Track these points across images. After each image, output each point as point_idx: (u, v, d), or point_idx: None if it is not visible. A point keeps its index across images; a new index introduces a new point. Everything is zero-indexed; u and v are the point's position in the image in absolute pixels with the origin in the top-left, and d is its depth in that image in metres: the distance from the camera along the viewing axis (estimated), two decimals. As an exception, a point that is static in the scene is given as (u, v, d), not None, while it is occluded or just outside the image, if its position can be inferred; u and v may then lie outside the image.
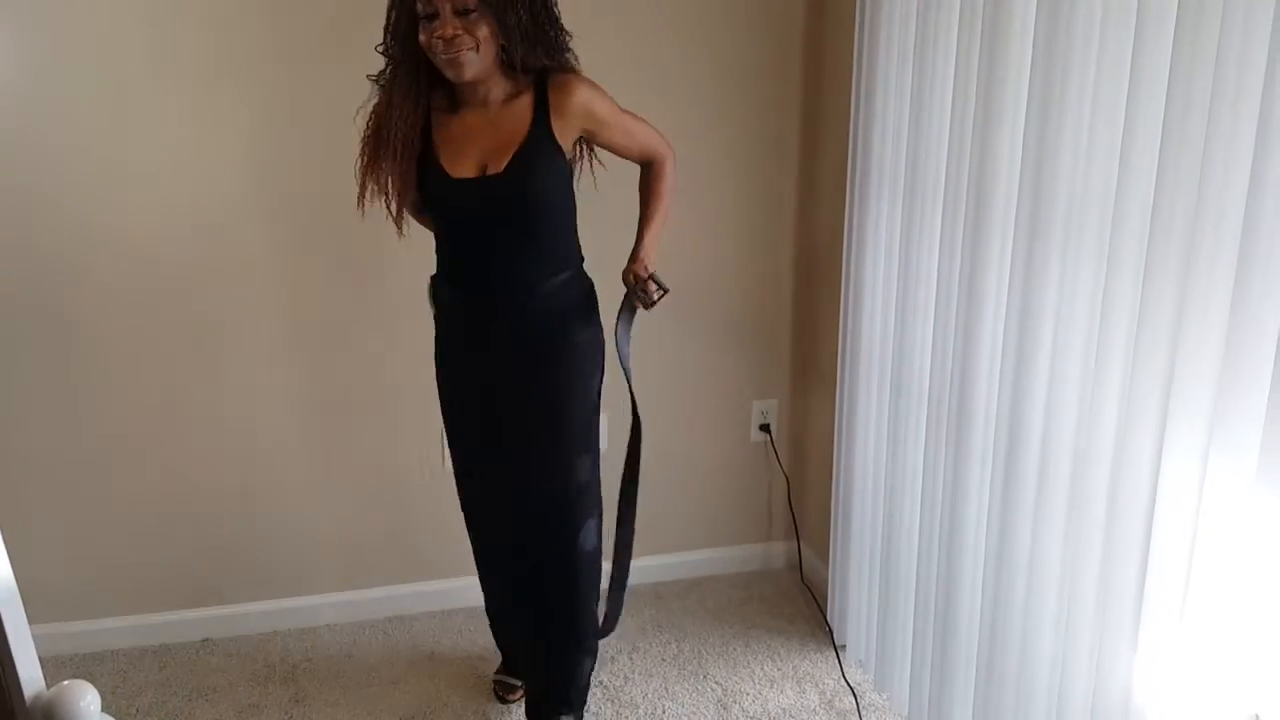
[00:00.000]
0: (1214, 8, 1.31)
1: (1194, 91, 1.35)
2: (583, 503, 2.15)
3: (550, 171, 1.96)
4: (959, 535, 2.05)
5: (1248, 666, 1.34)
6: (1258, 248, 1.26)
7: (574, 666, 2.28)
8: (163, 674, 2.59)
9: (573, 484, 2.12)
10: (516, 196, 1.94)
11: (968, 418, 1.98)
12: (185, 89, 2.41)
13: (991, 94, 1.81)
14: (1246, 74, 1.27)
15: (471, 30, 1.81)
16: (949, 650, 2.12)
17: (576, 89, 1.95)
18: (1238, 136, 1.29)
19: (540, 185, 1.95)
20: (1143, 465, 1.51)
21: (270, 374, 2.63)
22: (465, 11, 1.80)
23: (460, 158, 1.95)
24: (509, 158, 1.92)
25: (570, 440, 2.11)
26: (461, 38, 1.81)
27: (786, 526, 3.06)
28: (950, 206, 2.00)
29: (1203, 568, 1.41)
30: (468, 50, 1.82)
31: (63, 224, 2.43)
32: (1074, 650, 1.72)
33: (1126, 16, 1.48)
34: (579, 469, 2.13)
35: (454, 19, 1.80)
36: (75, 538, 2.62)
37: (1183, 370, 1.41)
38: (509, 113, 1.94)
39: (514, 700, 2.49)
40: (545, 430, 2.10)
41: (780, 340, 2.93)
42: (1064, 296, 1.67)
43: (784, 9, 2.67)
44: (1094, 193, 1.58)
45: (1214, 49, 1.31)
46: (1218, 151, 1.32)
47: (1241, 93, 1.27)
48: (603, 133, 2.02)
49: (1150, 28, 1.43)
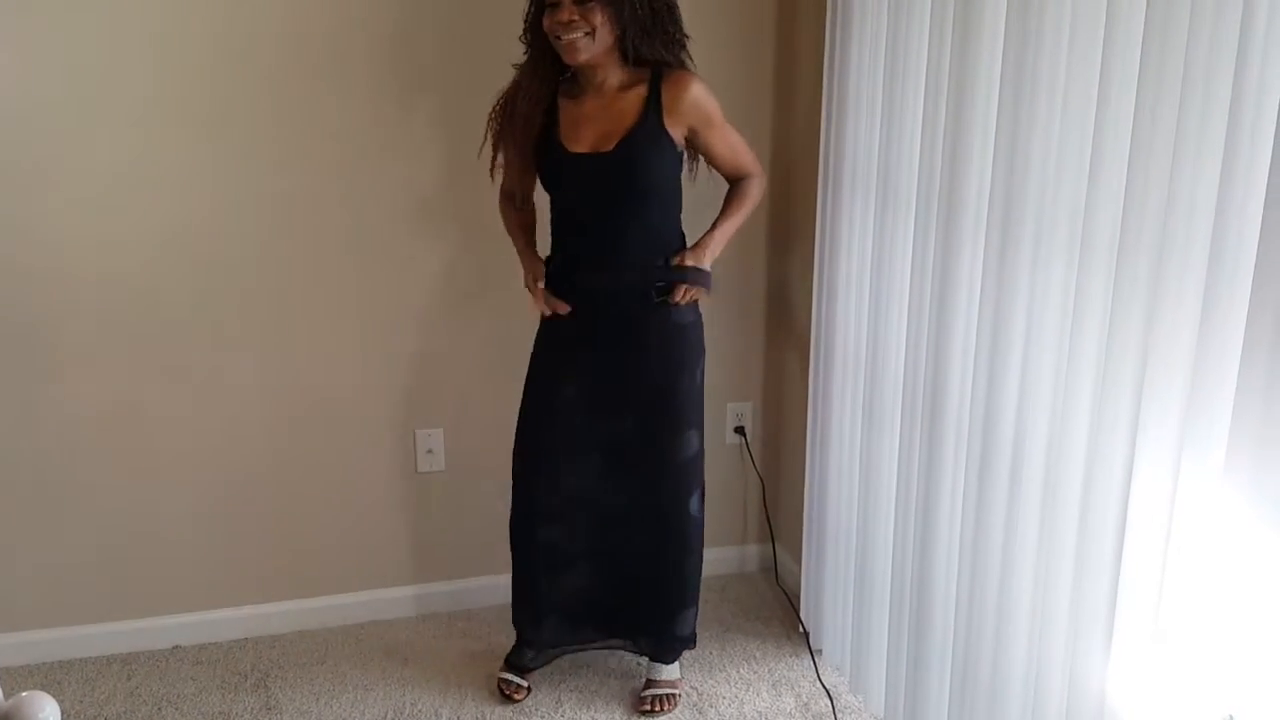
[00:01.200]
0: (1181, 16, 1.32)
1: (1163, 96, 1.36)
2: (691, 472, 2.36)
3: (656, 156, 2.14)
4: (933, 537, 2.05)
5: (1221, 667, 1.35)
6: (1225, 252, 1.28)
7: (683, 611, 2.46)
8: (131, 682, 2.55)
9: (681, 458, 2.32)
10: (622, 175, 2.13)
11: (941, 421, 1.99)
12: (158, 100, 2.40)
13: (963, 100, 1.83)
14: (1214, 81, 1.28)
15: (588, 16, 2.01)
16: (923, 652, 2.12)
17: (690, 84, 2.14)
18: (1205, 142, 1.30)
19: (645, 167, 2.14)
20: (1115, 467, 1.52)
21: (241, 378, 2.61)
22: (584, 1, 2.00)
23: (578, 137, 2.15)
24: (618, 139, 2.11)
25: (680, 416, 2.31)
26: (577, 23, 2.01)
27: (761, 529, 3.06)
28: (922, 211, 2.01)
29: (1175, 568, 1.42)
30: (583, 35, 2.02)
31: (26, 229, 2.40)
32: (1048, 651, 1.73)
33: (1096, 23, 1.49)
34: (689, 444, 2.33)
35: (572, 5, 2.01)
36: (40, 544, 2.57)
37: (1153, 372, 1.42)
38: (623, 100, 2.13)
39: (520, 700, 2.47)
40: (657, 404, 2.30)
41: (755, 341, 2.94)
42: (1035, 300, 1.68)
43: (754, 16, 2.68)
44: (1065, 197, 1.59)
45: (1181, 56, 1.32)
46: (1186, 156, 1.33)
47: (1210, 99, 1.29)
48: (707, 134, 2.19)
49: (1119, 35, 1.45)
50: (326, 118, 2.50)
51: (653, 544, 2.40)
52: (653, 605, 2.46)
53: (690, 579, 2.45)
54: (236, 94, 2.44)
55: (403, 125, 2.54)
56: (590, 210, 2.20)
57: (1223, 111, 1.27)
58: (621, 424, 2.32)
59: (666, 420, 2.31)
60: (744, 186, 2.31)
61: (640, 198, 2.18)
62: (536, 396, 2.35)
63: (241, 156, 2.48)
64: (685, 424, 2.32)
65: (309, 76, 2.47)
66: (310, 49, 2.45)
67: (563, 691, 2.52)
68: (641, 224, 2.20)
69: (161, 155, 2.43)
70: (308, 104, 2.48)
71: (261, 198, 2.51)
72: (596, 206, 2.19)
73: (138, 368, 2.53)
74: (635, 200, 2.18)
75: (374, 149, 2.55)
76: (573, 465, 2.36)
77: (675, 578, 2.42)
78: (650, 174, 2.16)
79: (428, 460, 2.78)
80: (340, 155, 2.53)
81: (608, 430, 2.33)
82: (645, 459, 2.34)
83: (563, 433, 2.34)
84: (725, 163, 2.28)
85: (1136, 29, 1.41)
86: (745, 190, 2.31)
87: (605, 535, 2.41)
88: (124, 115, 2.39)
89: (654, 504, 2.36)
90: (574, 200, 2.22)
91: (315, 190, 2.54)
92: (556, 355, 2.33)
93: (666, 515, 2.37)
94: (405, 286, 2.65)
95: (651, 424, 2.31)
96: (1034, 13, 1.60)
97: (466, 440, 2.78)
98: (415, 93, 2.54)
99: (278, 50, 2.44)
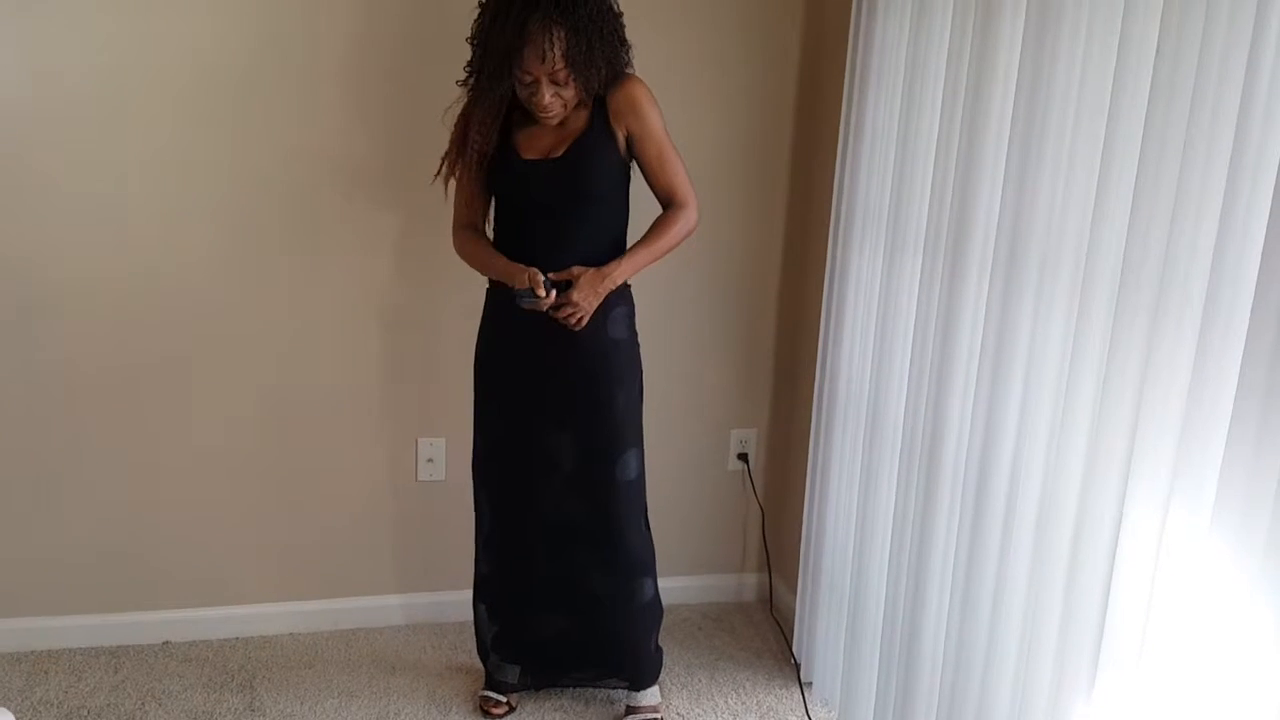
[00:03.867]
0: (1189, 60, 1.33)
1: (1168, 146, 1.37)
2: (634, 494, 2.34)
3: (603, 159, 2.16)
4: (925, 576, 2.04)
5: (1202, 711, 1.34)
6: (1220, 304, 1.28)
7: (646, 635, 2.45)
8: (118, 675, 2.55)
9: (622, 479, 2.30)
10: (570, 178, 2.15)
11: (938, 462, 1.99)
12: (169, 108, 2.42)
13: (974, 143, 1.85)
14: (1219, 126, 1.28)
15: (562, 94, 2.08)
16: (911, 690, 2.11)
17: (631, 83, 2.17)
18: (1208, 192, 1.30)
19: (593, 170, 2.16)
20: (1105, 513, 1.52)
21: (240, 379, 2.62)
22: (558, 83, 2.05)
23: (531, 145, 2.18)
24: (568, 145, 2.15)
25: (617, 435, 2.28)
26: (555, 101, 2.08)
27: (760, 558, 3.04)
28: (930, 252, 2.03)
29: (1160, 615, 1.42)
30: (559, 108, 2.10)
31: (25, 229, 2.43)
32: (1033, 693, 1.72)
33: (1105, 69, 1.50)
34: (628, 465, 2.29)
35: (550, 87, 2.06)
36: (35, 535, 2.58)
37: (1146, 422, 1.42)
38: (576, 116, 2.17)
39: (499, 715, 2.47)
40: (593, 420, 2.27)
41: (763, 369, 2.93)
42: (1035, 345, 1.69)
43: (780, 58, 2.72)
44: (1068, 243, 1.61)
45: (1189, 100, 1.33)
46: (1188, 208, 1.34)
47: (1214, 147, 1.29)
48: (640, 135, 2.18)
49: (1128, 81, 1.45)
50: (332, 115, 2.52)
51: (604, 572, 2.36)
52: (614, 634, 2.43)
53: (650, 604, 2.43)
54: (238, 93, 2.46)
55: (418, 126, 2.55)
56: (535, 217, 2.19)
57: (1225, 161, 1.27)
58: (560, 441, 2.29)
59: (603, 438, 2.27)
60: (669, 216, 2.23)
61: (587, 202, 2.17)
62: (487, 421, 2.36)
63: (253, 154, 2.50)
64: (623, 443, 2.29)
65: (313, 78, 2.49)
66: (311, 50, 2.48)
67: (546, 711, 2.50)
68: (585, 235, 2.18)
69: (166, 154, 2.46)
70: (312, 102, 2.49)
71: (269, 198, 2.53)
72: (542, 213, 2.18)
73: (137, 364, 2.55)
74: (582, 205, 2.17)
75: (386, 149, 2.57)
76: (528, 488, 2.34)
77: (630, 606, 2.39)
78: (599, 178, 2.16)
79: (428, 469, 2.78)
80: (352, 157, 2.55)
81: (552, 446, 2.30)
82: (587, 479, 2.30)
83: (514, 455, 2.33)
84: (654, 173, 2.21)
85: (1145, 76, 1.42)
86: (668, 220, 2.22)
87: (561, 564, 2.37)
88: (119, 116, 2.41)
89: (600, 529, 2.33)
90: (520, 205, 2.21)
91: (322, 193, 2.56)
92: (497, 373, 2.32)
93: (614, 541, 2.34)
94: (420, 292, 2.66)
95: (589, 442, 2.28)
96: (1046, 59, 1.62)
97: (468, 451, 2.76)
98: (426, 92, 2.54)
99: (282, 51, 2.46)
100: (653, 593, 2.43)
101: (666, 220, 2.23)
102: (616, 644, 2.45)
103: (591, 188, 2.17)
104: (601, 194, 2.19)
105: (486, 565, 2.45)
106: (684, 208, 2.23)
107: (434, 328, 2.69)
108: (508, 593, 2.44)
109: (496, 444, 2.35)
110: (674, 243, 2.24)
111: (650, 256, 2.22)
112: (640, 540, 2.37)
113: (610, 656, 2.48)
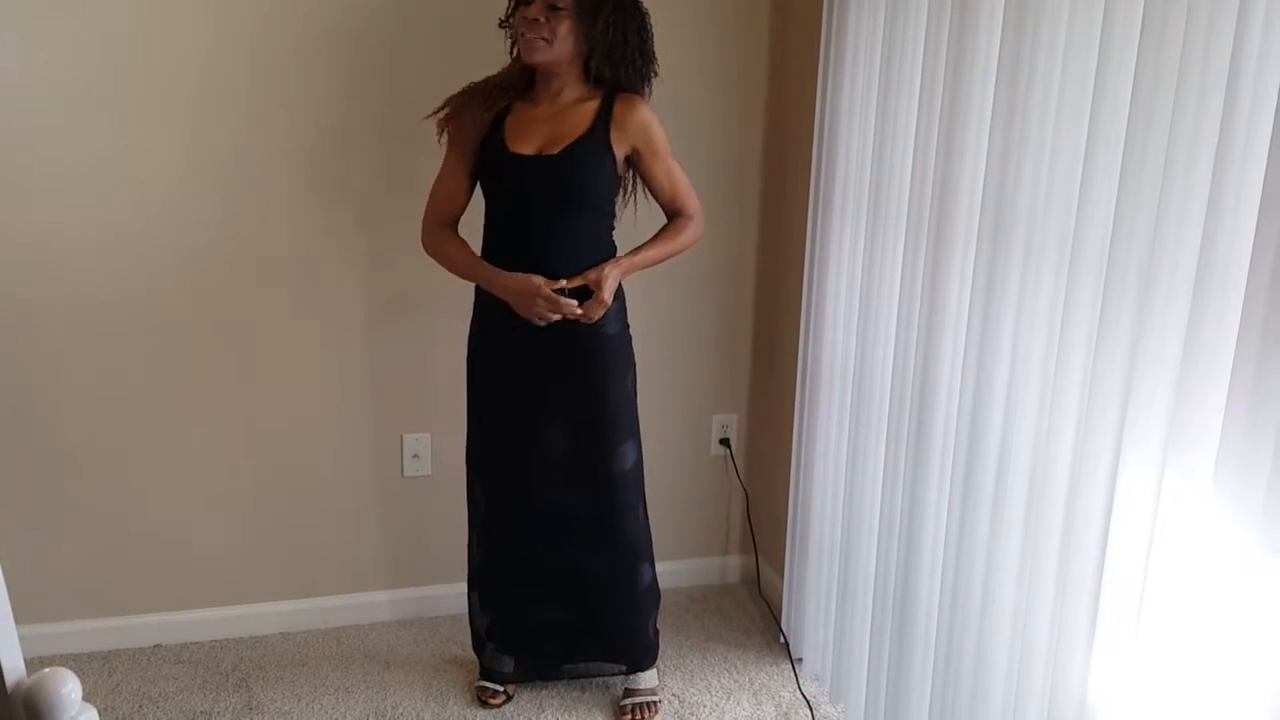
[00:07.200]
0: (1176, 31, 1.35)
1: (1155, 114, 1.39)
2: (631, 484, 2.37)
3: (599, 167, 2.18)
4: (917, 548, 2.07)
5: (1201, 672, 1.37)
6: (1214, 264, 1.30)
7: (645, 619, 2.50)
8: (112, 679, 2.54)
9: (619, 469, 2.33)
10: (565, 178, 2.15)
11: (927, 433, 2.02)
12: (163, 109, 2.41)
13: (955, 114, 1.86)
14: (1207, 98, 1.31)
15: (554, 24, 2.07)
16: (904, 662, 2.15)
17: (640, 107, 2.20)
18: (1196, 159, 1.33)
19: (587, 175, 2.17)
20: (1099, 478, 1.54)
21: (226, 380, 2.61)
22: (555, 7, 2.06)
23: (525, 139, 2.18)
24: (566, 145, 2.15)
25: (614, 427, 2.30)
26: (542, 25, 2.07)
27: (744, 540, 3.09)
28: (913, 224, 2.04)
29: (1157, 577, 1.44)
30: (542, 39, 2.08)
31: (23, 229, 2.40)
32: (1029, 662, 1.75)
33: (1090, 39, 1.52)
34: (626, 456, 2.33)
35: (543, 8, 2.07)
36: (24, 541, 2.56)
37: (1139, 384, 1.44)
38: (576, 113, 2.18)
39: (497, 705, 2.49)
40: (588, 413, 2.29)
41: (741, 354, 2.97)
42: (1023, 316, 1.70)
43: (749, 30, 2.72)
44: (1055, 211, 1.62)
45: (1175, 73, 1.35)
46: (1177, 173, 1.36)
47: (1202, 117, 1.32)
48: (650, 159, 2.23)
49: (1114, 52, 1.47)
50: (315, 117, 2.52)
51: (604, 559, 2.40)
52: (614, 619, 2.47)
53: (649, 587, 2.48)
54: (222, 97, 2.45)
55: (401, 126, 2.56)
56: (528, 214, 2.19)
57: (1214, 131, 1.29)
58: (556, 435, 2.31)
59: (600, 431, 2.30)
60: (678, 224, 2.31)
61: (578, 204, 2.18)
62: (483, 415, 2.37)
63: (241, 154, 2.49)
64: (620, 435, 2.32)
65: (298, 78, 2.48)
66: (312, 49, 2.47)
67: (544, 698, 2.53)
68: (575, 236, 2.20)
69: (152, 154, 2.44)
70: (295, 103, 2.49)
71: (253, 199, 2.52)
72: (535, 210, 2.18)
73: (126, 368, 2.53)
74: (573, 205, 2.18)
75: (372, 148, 2.57)
76: (527, 480, 2.35)
77: (631, 590, 2.44)
78: (592, 184, 2.18)
79: (414, 465, 2.79)
80: (337, 158, 2.55)
81: (548, 440, 2.32)
82: (584, 472, 2.33)
83: (512, 448, 2.34)
84: (663, 191, 2.28)
85: (1131, 47, 1.44)
86: (678, 227, 2.30)
87: (559, 554, 2.39)
88: (109, 116, 2.40)
89: (599, 517, 2.36)
90: (512, 203, 2.21)
91: (309, 191, 2.55)
92: (493, 368, 2.33)
93: (613, 528, 2.37)
94: (403, 289, 2.67)
95: (585, 435, 2.30)
96: (1028, 34, 1.63)
97: (454, 446, 2.78)
98: (408, 89, 2.55)
99: (267, 50, 2.45)
100: (651, 576, 2.47)
101: (677, 226, 2.31)
102: (616, 628, 2.48)
103: (586, 193, 2.19)
104: (594, 201, 2.21)
105: (481, 556, 2.46)
106: (688, 218, 2.31)
107: (418, 323, 2.69)
108: (504, 584, 2.46)
109: (492, 437, 2.36)
110: (682, 248, 2.32)
111: (659, 256, 2.28)
112: (638, 527, 2.41)
113: (610, 642, 2.51)
